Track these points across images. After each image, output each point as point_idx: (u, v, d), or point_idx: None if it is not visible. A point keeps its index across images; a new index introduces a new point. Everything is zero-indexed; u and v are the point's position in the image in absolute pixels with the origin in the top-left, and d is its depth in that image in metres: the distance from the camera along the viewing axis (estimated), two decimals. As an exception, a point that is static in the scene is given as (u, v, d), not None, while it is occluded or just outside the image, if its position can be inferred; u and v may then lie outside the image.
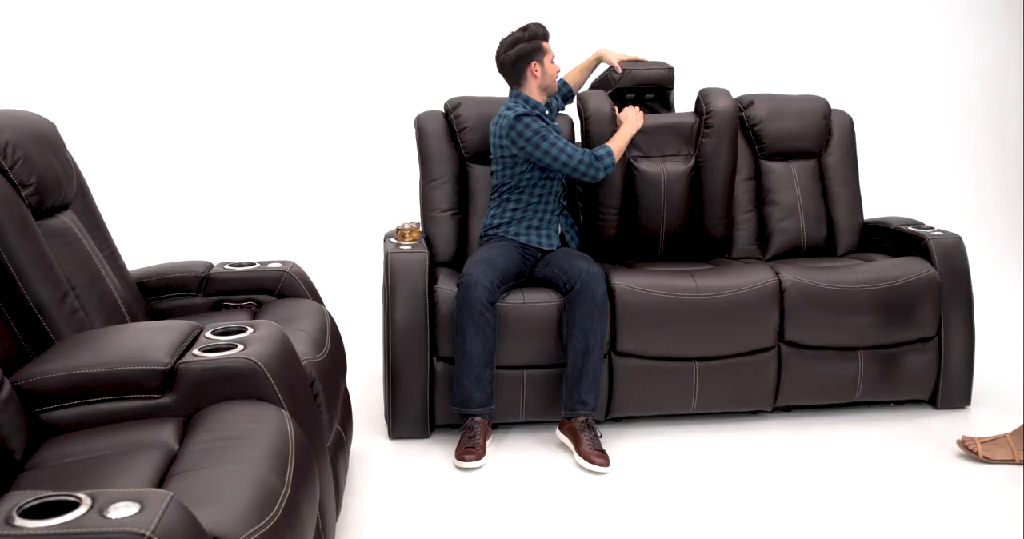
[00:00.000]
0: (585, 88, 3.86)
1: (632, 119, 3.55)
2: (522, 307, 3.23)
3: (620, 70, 3.71)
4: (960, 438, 3.16)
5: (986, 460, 3.08)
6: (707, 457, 3.17)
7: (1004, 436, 3.11)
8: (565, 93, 3.74)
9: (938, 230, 3.67)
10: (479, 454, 3.08)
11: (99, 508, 1.28)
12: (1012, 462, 3.07)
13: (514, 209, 3.44)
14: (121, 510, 1.28)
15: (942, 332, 3.52)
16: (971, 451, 3.10)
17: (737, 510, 2.77)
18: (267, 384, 1.98)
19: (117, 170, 5.32)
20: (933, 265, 3.52)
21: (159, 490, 1.34)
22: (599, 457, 3.05)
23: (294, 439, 1.87)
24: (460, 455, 3.08)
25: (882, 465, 3.09)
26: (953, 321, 3.52)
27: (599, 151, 3.37)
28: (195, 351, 2.04)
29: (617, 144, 3.43)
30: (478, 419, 3.16)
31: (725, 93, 3.73)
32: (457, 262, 3.65)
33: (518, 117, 3.33)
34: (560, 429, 3.23)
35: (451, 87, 4.57)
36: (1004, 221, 6.54)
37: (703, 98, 3.73)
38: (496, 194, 3.50)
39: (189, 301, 3.00)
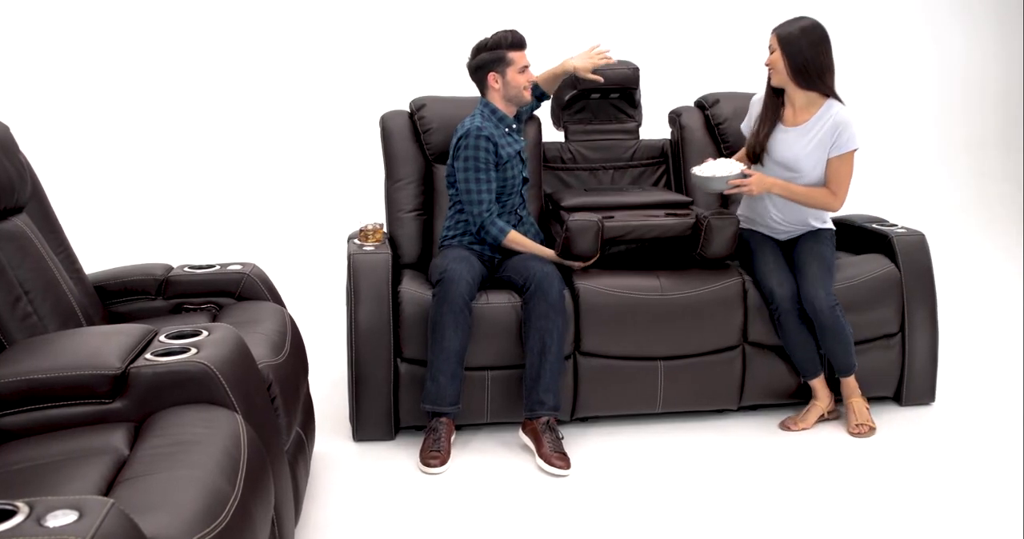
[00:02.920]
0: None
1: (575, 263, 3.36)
2: (486, 307, 3.22)
3: (599, 79, 3.60)
4: (855, 430, 3.34)
5: (872, 430, 3.35)
6: (672, 456, 3.16)
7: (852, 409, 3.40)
8: (538, 94, 3.62)
9: (901, 227, 3.69)
10: (443, 458, 3.06)
11: (36, 516, 1.27)
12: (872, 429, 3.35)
13: (467, 221, 3.42)
14: (59, 518, 1.26)
15: (906, 329, 3.53)
16: (865, 431, 3.33)
17: (702, 509, 2.77)
18: (220, 388, 1.96)
19: (75, 172, 5.27)
20: (896, 262, 3.53)
21: (99, 497, 1.32)
22: (559, 459, 3.03)
23: (247, 443, 1.85)
24: (425, 459, 3.06)
25: (847, 463, 3.10)
26: (916, 318, 3.54)
27: (493, 229, 3.31)
28: (148, 355, 2.02)
29: (525, 246, 3.35)
30: (443, 420, 3.14)
31: (733, 222, 3.36)
32: (422, 263, 3.63)
33: (465, 136, 3.32)
34: (523, 430, 3.22)
35: (417, 86, 4.55)
36: (968, 217, 6.60)
37: (705, 224, 3.34)
38: (452, 203, 3.48)
39: (148, 304, 2.97)
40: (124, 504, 1.50)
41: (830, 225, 3.56)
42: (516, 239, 3.36)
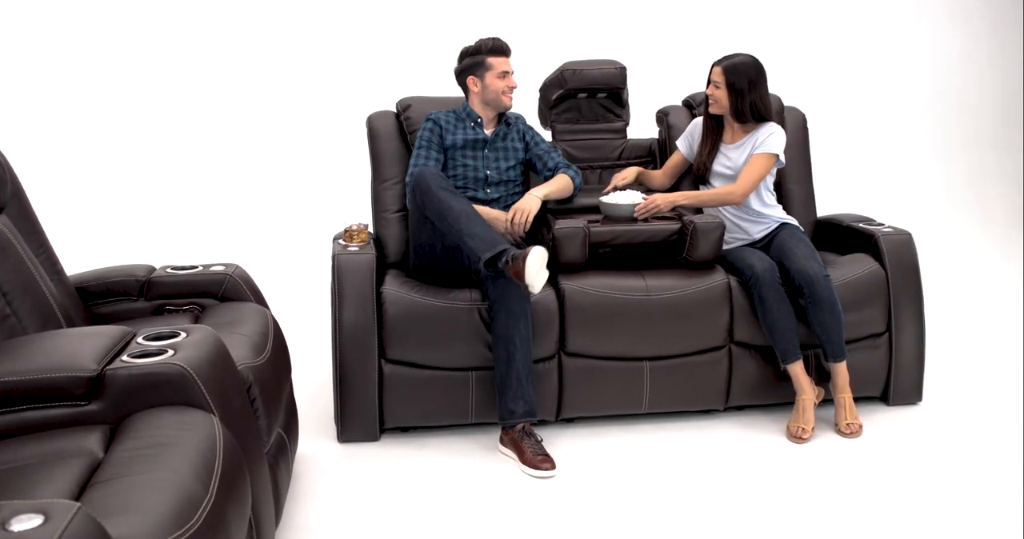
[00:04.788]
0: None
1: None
2: (472, 308, 3.21)
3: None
4: (846, 431, 3.33)
5: (861, 428, 3.35)
6: (659, 457, 3.15)
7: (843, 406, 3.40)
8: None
9: (888, 227, 3.69)
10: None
11: (1, 520, 1.25)
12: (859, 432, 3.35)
13: None
14: (24, 522, 1.25)
15: (892, 328, 3.53)
16: (856, 430, 3.33)
17: (689, 509, 2.76)
18: (197, 390, 1.94)
19: (56, 172, 5.24)
20: (883, 262, 3.53)
21: (65, 501, 1.30)
22: (544, 461, 3.00)
23: (222, 445, 1.83)
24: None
25: (835, 462, 3.09)
26: (903, 317, 3.53)
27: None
28: (124, 357, 2.00)
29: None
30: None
31: (719, 227, 3.38)
32: (407, 264, 3.62)
33: (425, 119, 3.54)
34: (501, 444, 3.19)
35: (403, 87, 4.54)
36: (965, 218, 6.60)
37: (691, 228, 3.36)
38: None
39: (130, 305, 2.96)
40: (95, 507, 1.49)
41: (796, 222, 3.66)
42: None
